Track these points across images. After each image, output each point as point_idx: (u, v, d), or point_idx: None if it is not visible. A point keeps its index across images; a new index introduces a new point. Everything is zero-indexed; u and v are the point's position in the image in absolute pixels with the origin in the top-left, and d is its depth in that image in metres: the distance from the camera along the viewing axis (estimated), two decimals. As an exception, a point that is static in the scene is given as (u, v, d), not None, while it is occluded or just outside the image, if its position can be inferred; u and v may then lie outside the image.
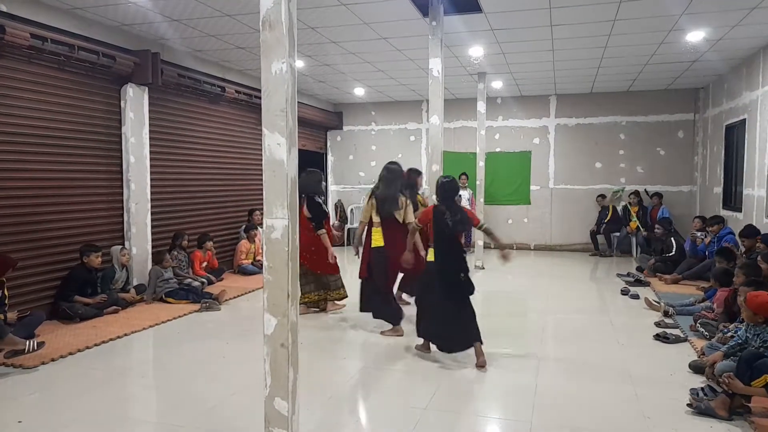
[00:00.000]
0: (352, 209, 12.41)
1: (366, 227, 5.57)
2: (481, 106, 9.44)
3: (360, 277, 5.62)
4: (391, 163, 5.64)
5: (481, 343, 4.46)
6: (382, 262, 5.34)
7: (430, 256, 4.60)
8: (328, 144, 12.89)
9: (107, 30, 6.37)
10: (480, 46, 7.42)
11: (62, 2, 5.62)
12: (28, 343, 4.48)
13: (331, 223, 6.40)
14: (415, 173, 6.34)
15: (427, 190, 6.85)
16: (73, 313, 5.68)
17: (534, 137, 11.54)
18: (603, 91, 10.91)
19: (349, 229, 12.10)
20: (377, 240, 5.40)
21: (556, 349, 5.09)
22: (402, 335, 5.22)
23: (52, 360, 4.53)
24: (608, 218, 10.63)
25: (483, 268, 9.14)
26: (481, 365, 4.39)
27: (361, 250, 5.63)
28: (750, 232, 6.57)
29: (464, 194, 11.24)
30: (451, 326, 4.47)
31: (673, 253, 8.34)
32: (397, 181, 5.46)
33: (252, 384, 3.90)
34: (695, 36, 6.84)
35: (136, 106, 6.80)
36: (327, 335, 5.46)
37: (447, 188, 4.57)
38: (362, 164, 12.60)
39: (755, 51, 7.60)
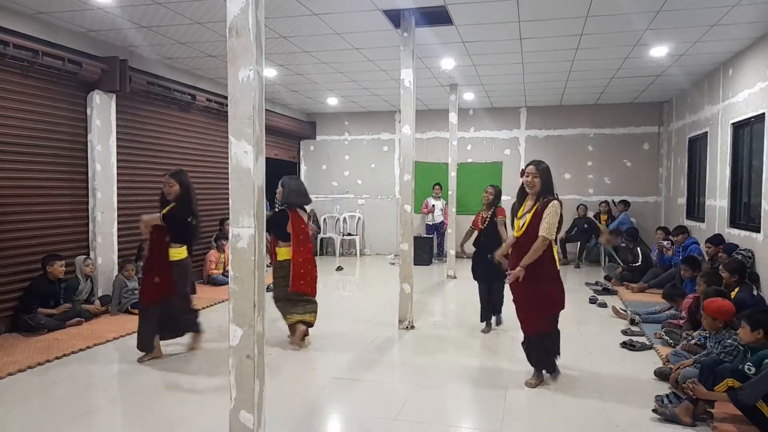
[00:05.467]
0: (325, 219, 12.39)
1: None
2: (453, 117, 9.54)
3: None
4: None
5: None
6: None
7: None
8: (302, 153, 12.84)
9: (74, 36, 6.24)
10: (451, 57, 7.51)
11: (26, 7, 5.48)
12: None
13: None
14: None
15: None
16: (35, 323, 5.50)
17: (505, 148, 11.70)
18: (571, 103, 11.14)
19: (321, 239, 12.07)
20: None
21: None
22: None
23: (9, 374, 4.37)
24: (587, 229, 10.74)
25: (455, 278, 9.18)
26: None
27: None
28: (716, 240, 6.88)
29: (437, 204, 11.36)
30: None
31: (639, 262, 8.52)
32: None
33: (218, 397, 3.82)
34: (659, 51, 7.05)
35: (102, 113, 6.66)
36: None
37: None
38: (335, 174, 12.59)
39: (716, 66, 7.86)
